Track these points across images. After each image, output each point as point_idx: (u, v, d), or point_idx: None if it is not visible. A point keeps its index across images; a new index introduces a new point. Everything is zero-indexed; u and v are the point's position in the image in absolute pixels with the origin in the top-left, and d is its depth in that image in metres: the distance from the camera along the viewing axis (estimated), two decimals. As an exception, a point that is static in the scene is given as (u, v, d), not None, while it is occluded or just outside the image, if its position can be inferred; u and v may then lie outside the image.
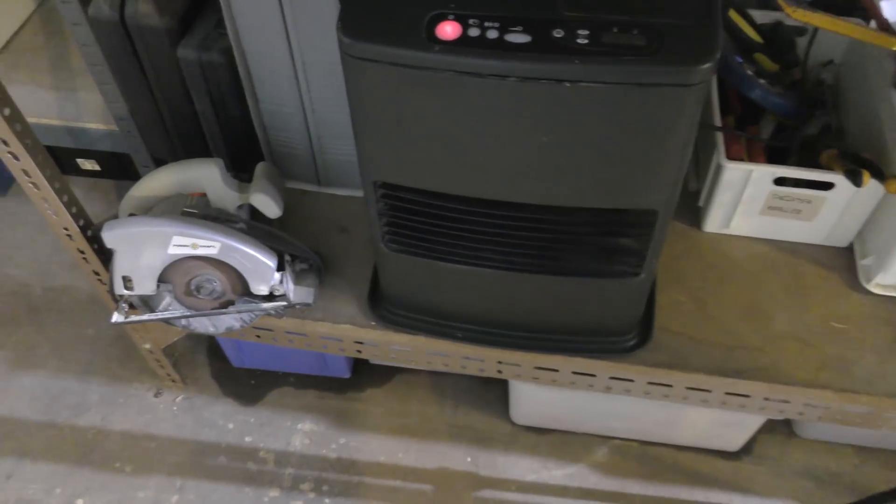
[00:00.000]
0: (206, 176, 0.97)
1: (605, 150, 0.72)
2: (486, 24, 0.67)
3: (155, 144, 1.19)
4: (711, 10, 0.67)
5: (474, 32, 0.67)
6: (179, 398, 1.29)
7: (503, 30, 0.66)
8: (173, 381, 1.29)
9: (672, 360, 0.99)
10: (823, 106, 1.14)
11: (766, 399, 1.00)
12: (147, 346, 1.18)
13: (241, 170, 1.12)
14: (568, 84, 0.66)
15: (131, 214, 0.98)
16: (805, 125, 1.07)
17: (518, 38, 0.66)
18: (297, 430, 1.26)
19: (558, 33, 0.66)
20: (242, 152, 1.13)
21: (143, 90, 1.09)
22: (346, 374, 1.30)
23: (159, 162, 1.22)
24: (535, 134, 0.71)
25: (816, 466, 1.22)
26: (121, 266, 0.95)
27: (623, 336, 1.00)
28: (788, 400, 1.00)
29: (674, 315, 1.02)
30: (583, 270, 0.88)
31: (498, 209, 0.81)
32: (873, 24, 1.09)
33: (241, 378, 1.31)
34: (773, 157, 1.07)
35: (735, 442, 1.20)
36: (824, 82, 1.17)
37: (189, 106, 1.08)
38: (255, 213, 1.04)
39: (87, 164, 1.52)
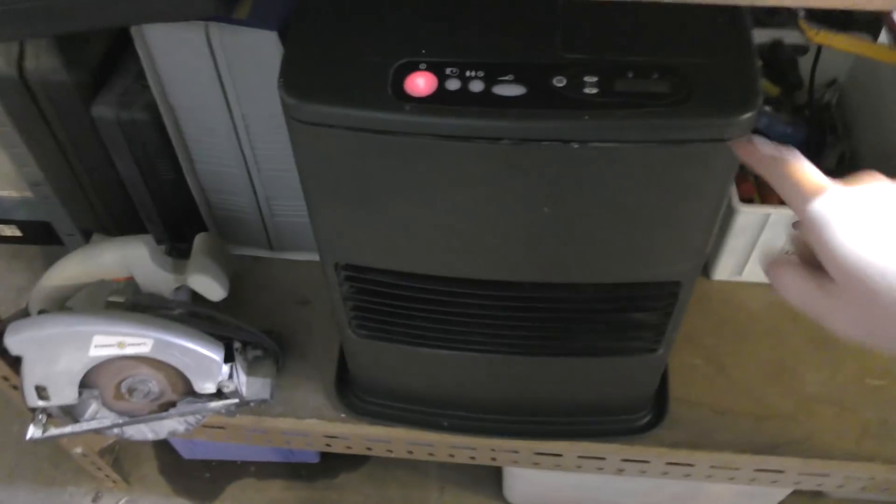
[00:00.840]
0: (132, 257, 0.81)
1: (621, 218, 0.59)
2: (468, 73, 0.53)
3: (79, 213, 1.03)
4: (744, 45, 0.54)
5: (453, 85, 0.52)
6: (123, 501, 1.12)
7: (490, 80, 0.52)
8: (114, 482, 1.11)
9: (693, 437, 0.85)
10: (834, 131, 1.03)
11: (802, 474, 0.88)
12: (78, 450, 1.01)
13: (179, 240, 0.96)
14: (576, 145, 0.52)
15: (42, 311, 0.81)
16: (820, 156, 0.95)
17: (509, 89, 0.52)
18: (263, 530, 1.09)
19: (559, 82, 0.52)
20: (180, 219, 0.97)
21: (56, 154, 0.92)
22: (315, 459, 1.14)
23: (85, 233, 1.05)
24: (535, 204, 0.57)
25: (848, 530, 1.09)
26: (32, 374, 0.79)
27: (635, 413, 0.86)
28: (828, 473, 0.87)
29: (690, 382, 0.89)
30: (591, 350, 0.74)
31: (490, 289, 0.67)
32: (883, 37, 0.98)
33: (194, 472, 1.15)
34: (787, 194, 0.94)
35: (759, 510, 1.07)
36: (831, 105, 1.06)
37: (112, 171, 0.91)
38: (196, 294, 0.88)
39: (7, 230, 1.34)
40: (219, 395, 0.85)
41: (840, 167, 0.95)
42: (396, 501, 1.11)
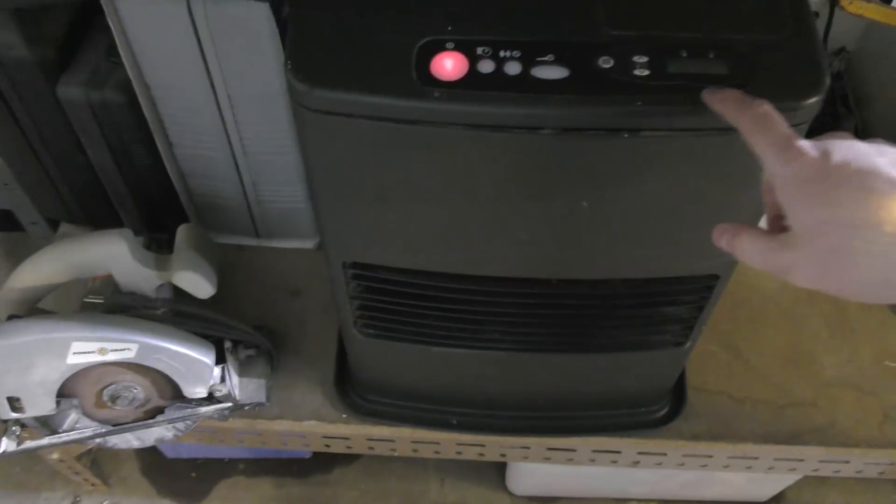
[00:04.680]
0: (110, 253, 0.74)
1: (666, 211, 0.53)
2: (503, 53, 0.47)
3: (44, 201, 0.94)
4: (803, 21, 0.49)
5: (486, 67, 0.46)
6: (104, 505, 1.06)
7: (528, 61, 0.46)
8: (93, 485, 1.05)
9: (713, 428, 0.82)
10: (846, 102, 0.99)
11: (822, 461, 0.85)
12: (55, 456, 0.94)
13: (157, 230, 0.89)
14: (626, 135, 0.47)
15: (12, 316, 0.74)
16: (836, 129, 0.91)
17: (551, 72, 0.46)
18: (255, 530, 1.04)
19: (606, 62, 0.46)
20: (157, 207, 0.89)
21: (17, 138, 0.84)
22: (307, 455, 1.09)
23: (51, 222, 0.97)
24: (573, 198, 0.52)
25: (855, 508, 1.08)
26: (3, 386, 0.71)
27: (653, 405, 0.82)
28: (848, 460, 0.84)
29: (708, 370, 0.85)
30: (615, 346, 0.69)
31: (514, 287, 0.61)
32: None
33: (179, 471, 1.08)
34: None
35: (767, 493, 1.05)
36: (841, 74, 1.02)
37: (81, 156, 0.83)
38: (178, 289, 0.80)
39: (-38, 216, 1.24)
40: (210, 398, 0.79)
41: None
42: (395, 496, 1.07)
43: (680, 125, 0.46)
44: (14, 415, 0.74)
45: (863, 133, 0.97)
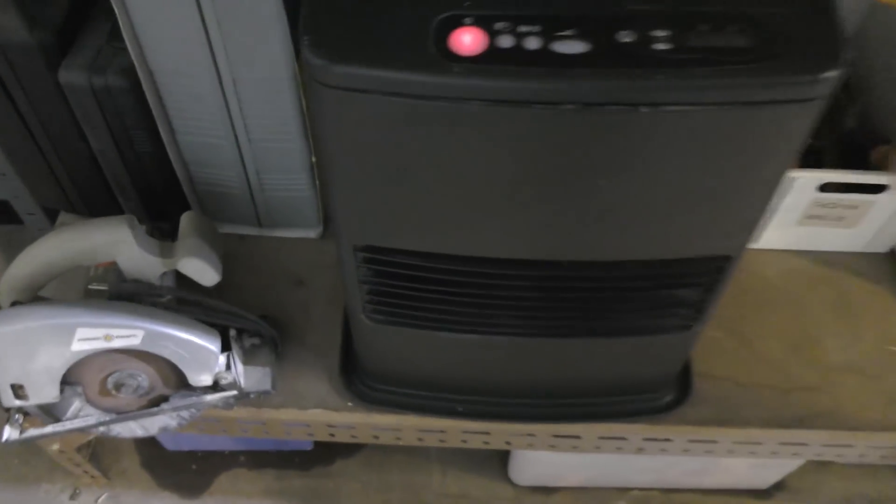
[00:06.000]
0: (114, 241, 0.73)
1: (682, 189, 0.53)
2: (522, 27, 0.46)
3: (42, 190, 0.93)
4: (822, -6, 0.49)
5: (506, 42, 0.46)
6: (103, 497, 1.04)
7: (547, 35, 0.46)
8: (93, 477, 1.04)
9: (720, 414, 0.82)
10: (846, 88, 0.99)
11: (826, 445, 0.85)
12: (55, 447, 0.93)
13: (158, 217, 0.88)
14: (645, 109, 0.46)
15: (15, 302, 0.73)
16: (841, 117, 0.91)
17: (571, 46, 0.46)
18: (257, 523, 1.03)
19: (627, 36, 0.46)
20: (159, 196, 0.88)
21: (16, 125, 0.83)
22: (309, 446, 1.08)
23: (49, 212, 0.96)
24: (590, 176, 0.52)
25: (856, 494, 1.09)
26: (7, 373, 0.70)
27: (658, 391, 0.82)
28: (852, 444, 0.85)
29: (714, 356, 0.85)
30: (624, 329, 0.69)
31: (527, 269, 0.61)
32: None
33: (179, 463, 1.07)
34: (806, 158, 0.90)
35: (768, 480, 1.06)
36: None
37: (81, 143, 0.82)
38: (182, 278, 0.80)
39: (-44, 209, 1.22)
40: (215, 387, 0.78)
41: (861, 127, 0.92)
42: (397, 488, 1.06)
43: (702, 99, 0.46)
44: (17, 402, 0.73)
45: (861, 119, 0.97)
